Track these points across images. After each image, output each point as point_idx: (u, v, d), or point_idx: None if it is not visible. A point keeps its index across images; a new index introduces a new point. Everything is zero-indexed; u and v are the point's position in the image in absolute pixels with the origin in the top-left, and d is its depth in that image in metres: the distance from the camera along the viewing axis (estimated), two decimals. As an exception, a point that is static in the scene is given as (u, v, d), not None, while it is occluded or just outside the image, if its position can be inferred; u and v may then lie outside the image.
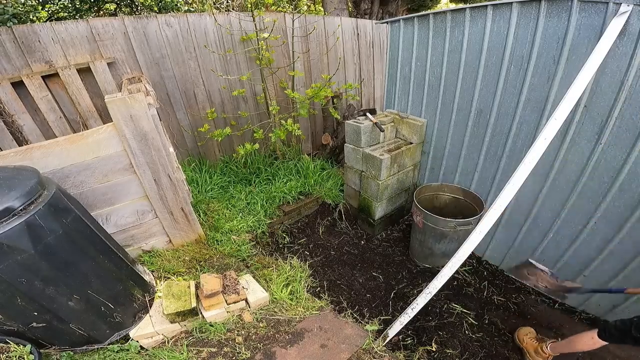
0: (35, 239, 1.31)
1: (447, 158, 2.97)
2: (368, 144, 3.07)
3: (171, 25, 3.03)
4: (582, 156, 2.04)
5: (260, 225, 3.04)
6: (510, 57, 2.17)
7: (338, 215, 3.63)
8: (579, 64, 1.78)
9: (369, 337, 1.86)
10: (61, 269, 1.43)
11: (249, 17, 3.23)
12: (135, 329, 1.76)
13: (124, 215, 2.14)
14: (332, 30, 4.17)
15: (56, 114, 2.72)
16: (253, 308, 2.02)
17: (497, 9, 2.14)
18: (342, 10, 6.29)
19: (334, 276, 2.92)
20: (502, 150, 2.47)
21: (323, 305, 2.11)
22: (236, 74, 3.56)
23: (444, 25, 2.49)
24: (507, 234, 2.71)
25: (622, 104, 1.77)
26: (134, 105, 1.84)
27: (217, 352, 1.72)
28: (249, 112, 3.73)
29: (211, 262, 2.39)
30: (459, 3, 10.38)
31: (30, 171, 1.49)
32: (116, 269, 1.74)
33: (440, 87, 2.74)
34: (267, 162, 3.79)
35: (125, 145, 1.92)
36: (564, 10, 1.84)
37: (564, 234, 2.31)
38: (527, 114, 2.23)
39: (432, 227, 2.67)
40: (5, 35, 2.38)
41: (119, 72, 2.89)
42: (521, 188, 1.74)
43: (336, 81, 4.30)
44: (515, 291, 2.70)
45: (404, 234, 3.42)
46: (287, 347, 1.78)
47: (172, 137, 3.38)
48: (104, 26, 2.71)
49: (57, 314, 1.47)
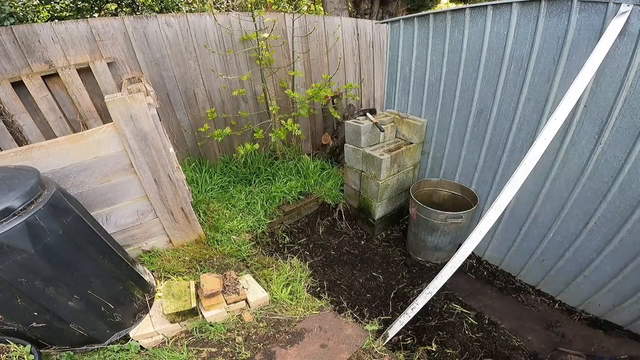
0: (35, 239, 1.31)
1: (447, 158, 2.97)
2: (368, 144, 3.07)
3: (171, 25, 3.03)
4: (582, 156, 2.04)
5: (260, 225, 3.04)
6: (510, 57, 2.17)
7: (338, 215, 3.63)
8: (579, 64, 1.78)
9: (369, 337, 1.86)
10: (61, 269, 1.43)
11: (249, 17, 3.23)
12: (135, 329, 1.76)
13: (124, 215, 2.14)
14: (332, 30, 4.17)
15: (56, 114, 2.72)
16: (253, 308, 2.02)
17: (497, 9, 2.14)
18: (342, 10, 6.29)
19: (334, 276, 2.92)
20: (502, 150, 2.47)
21: (323, 305, 2.11)
22: (236, 74, 3.56)
23: (444, 25, 2.49)
24: (507, 234, 2.71)
25: (622, 104, 1.77)
26: (134, 105, 1.84)
27: (217, 352, 1.72)
28: (249, 112, 3.73)
29: (211, 262, 2.39)
30: (459, 3, 10.38)
31: (30, 171, 1.49)
32: (116, 269, 1.74)
33: (440, 87, 2.74)
34: (267, 162, 3.79)
35: (125, 145, 1.92)
36: (564, 10, 1.83)
37: (564, 234, 2.31)
38: (527, 114, 2.23)
39: (425, 219, 2.74)
40: (5, 35, 2.38)
41: (119, 72, 2.89)
42: (521, 188, 1.74)
43: (336, 81, 4.30)
44: (515, 291, 2.70)
45: (404, 234, 3.42)
46: (287, 347, 1.78)
47: (172, 137, 3.37)
48: (104, 26, 2.71)
49: (57, 314, 1.47)
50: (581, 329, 2.33)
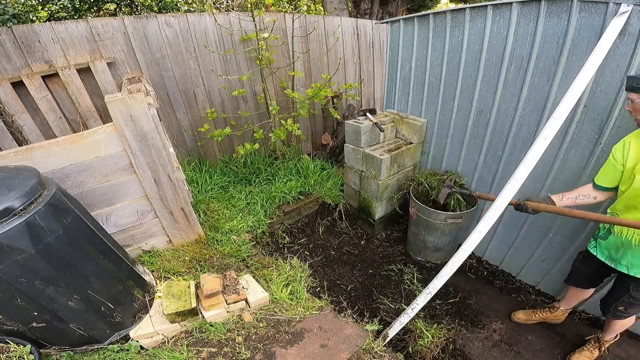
0: (35, 239, 1.31)
1: (447, 158, 2.97)
2: (368, 144, 3.07)
3: (171, 25, 3.03)
4: (582, 156, 2.04)
5: (260, 225, 3.04)
6: (510, 57, 2.17)
7: (338, 215, 3.63)
8: (579, 64, 1.78)
9: (369, 337, 1.86)
10: (61, 269, 1.43)
11: (249, 17, 3.23)
12: (135, 329, 1.76)
13: (124, 215, 2.13)
14: (332, 30, 4.17)
15: (56, 114, 2.72)
16: (253, 308, 2.02)
17: (497, 9, 2.14)
18: (342, 10, 6.29)
19: (334, 276, 2.92)
20: (502, 150, 2.47)
21: (323, 305, 2.11)
22: (236, 74, 3.56)
23: (444, 25, 2.49)
24: (507, 234, 2.71)
25: (622, 104, 1.77)
26: (134, 105, 1.84)
27: (217, 352, 1.72)
28: (249, 112, 3.73)
29: (211, 262, 2.39)
30: (459, 3, 10.38)
31: (30, 171, 1.49)
32: (116, 269, 1.74)
33: (440, 87, 2.74)
34: (267, 162, 3.79)
35: (125, 145, 1.92)
36: (564, 10, 1.84)
37: (564, 234, 2.31)
38: (527, 113, 2.23)
39: (425, 219, 2.73)
40: (5, 35, 2.38)
41: (119, 72, 2.89)
42: (521, 188, 1.74)
43: (336, 81, 4.30)
44: (515, 291, 2.70)
45: (404, 234, 3.42)
46: (287, 347, 1.78)
47: (172, 137, 3.37)
48: (103, 26, 2.71)
49: (57, 314, 1.47)
50: (581, 329, 2.33)
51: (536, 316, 2.36)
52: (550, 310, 2.32)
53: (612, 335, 2.02)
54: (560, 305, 2.29)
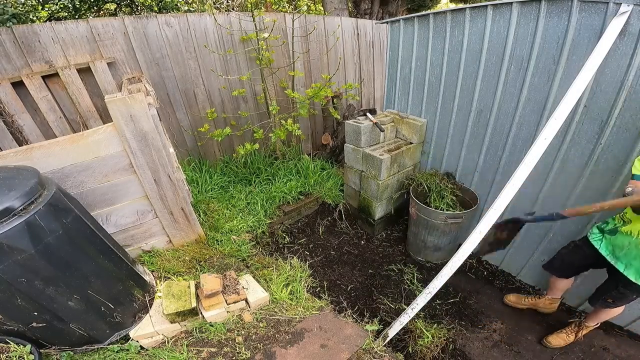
0: (35, 239, 1.31)
1: (447, 158, 2.97)
2: (368, 144, 3.07)
3: (171, 25, 3.03)
4: (582, 156, 2.04)
5: (260, 225, 3.04)
6: (510, 57, 2.17)
7: (338, 215, 3.63)
8: (579, 64, 1.78)
9: (369, 337, 1.86)
10: (61, 269, 1.43)
11: (249, 17, 3.23)
12: (135, 329, 1.76)
13: (124, 215, 2.14)
14: (332, 30, 4.17)
15: (56, 114, 2.72)
16: (253, 308, 2.03)
17: (497, 9, 2.14)
18: (342, 10, 6.29)
19: (334, 276, 2.92)
20: (502, 150, 2.47)
21: (323, 305, 2.11)
22: (236, 74, 3.56)
23: (444, 25, 2.49)
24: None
25: (622, 104, 1.77)
26: (134, 105, 1.84)
27: (217, 352, 1.72)
28: (249, 112, 3.73)
29: (211, 262, 2.39)
30: (459, 3, 10.38)
31: (30, 171, 1.49)
32: (116, 269, 1.74)
33: (440, 87, 2.73)
34: (267, 162, 3.79)
35: (125, 145, 1.92)
36: (564, 10, 1.83)
37: (565, 235, 2.31)
38: (527, 114, 2.23)
39: (425, 219, 2.73)
40: (5, 35, 2.38)
41: (119, 72, 2.89)
42: (521, 188, 1.74)
43: (336, 81, 4.30)
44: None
45: (404, 234, 3.42)
46: (287, 347, 1.78)
47: (172, 137, 3.37)
48: (104, 26, 2.71)
49: (57, 314, 1.47)
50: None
51: (526, 301, 2.48)
52: (539, 296, 2.46)
53: (595, 323, 2.11)
54: (547, 294, 2.39)
